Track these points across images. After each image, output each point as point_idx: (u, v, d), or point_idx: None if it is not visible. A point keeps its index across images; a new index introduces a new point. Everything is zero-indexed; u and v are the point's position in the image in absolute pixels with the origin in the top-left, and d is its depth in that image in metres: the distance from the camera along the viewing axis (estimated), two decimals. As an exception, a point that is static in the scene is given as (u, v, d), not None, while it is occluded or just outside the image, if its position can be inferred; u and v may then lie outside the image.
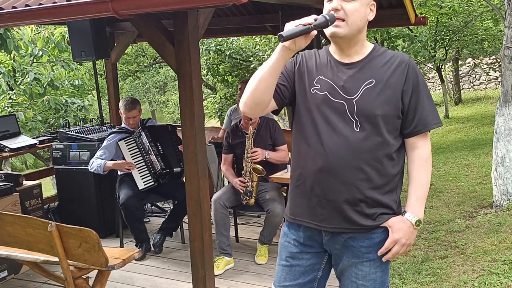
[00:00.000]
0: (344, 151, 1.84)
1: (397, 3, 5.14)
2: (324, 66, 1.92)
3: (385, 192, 1.90)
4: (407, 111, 1.87)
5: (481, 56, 13.94)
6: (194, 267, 3.40)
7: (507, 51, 5.05)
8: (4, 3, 3.19)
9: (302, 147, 1.93)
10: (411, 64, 1.88)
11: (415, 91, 1.87)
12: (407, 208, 1.96)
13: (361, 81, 1.86)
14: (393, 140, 1.88)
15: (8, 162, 10.52)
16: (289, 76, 1.96)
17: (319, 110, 1.88)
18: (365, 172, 1.85)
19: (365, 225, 1.90)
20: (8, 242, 2.89)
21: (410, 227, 1.92)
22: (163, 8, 2.76)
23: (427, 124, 1.90)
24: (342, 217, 1.89)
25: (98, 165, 4.27)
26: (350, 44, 1.88)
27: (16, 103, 8.14)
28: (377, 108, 1.83)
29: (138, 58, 19.43)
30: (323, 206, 1.90)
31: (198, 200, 3.29)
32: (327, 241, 1.97)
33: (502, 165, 5.00)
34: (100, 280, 2.83)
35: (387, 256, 1.93)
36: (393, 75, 1.86)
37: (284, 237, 2.06)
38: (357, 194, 1.86)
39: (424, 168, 1.93)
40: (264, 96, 1.86)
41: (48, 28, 8.01)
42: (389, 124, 1.85)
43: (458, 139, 10.63)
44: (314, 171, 1.88)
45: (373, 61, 1.89)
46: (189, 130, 3.22)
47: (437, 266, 3.93)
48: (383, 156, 1.86)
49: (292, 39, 1.72)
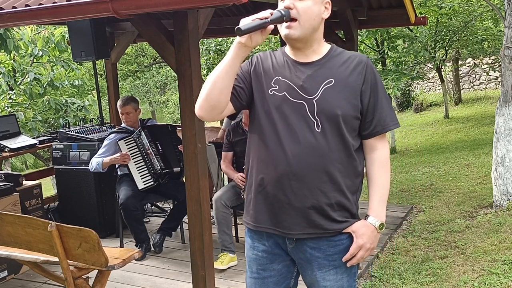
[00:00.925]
0: (307, 154, 1.79)
1: (397, 3, 5.14)
2: (281, 66, 1.87)
3: (349, 194, 1.86)
4: (366, 112, 1.85)
5: (481, 56, 13.94)
6: (194, 267, 3.40)
7: (507, 51, 5.05)
8: (4, 3, 3.19)
9: (262, 151, 1.86)
10: (369, 64, 1.86)
11: (374, 92, 1.84)
12: (370, 212, 1.90)
13: (320, 81, 1.81)
14: (353, 141, 1.85)
15: (8, 162, 10.52)
16: (246, 77, 1.89)
17: (279, 111, 1.82)
18: (329, 174, 1.81)
19: (330, 229, 1.85)
20: (8, 242, 2.89)
21: (374, 231, 1.88)
22: (163, 8, 2.76)
23: (386, 125, 1.87)
24: (307, 222, 1.83)
25: (97, 163, 4.30)
26: (307, 44, 1.84)
27: (16, 103, 8.14)
28: (337, 108, 1.79)
29: (138, 58, 19.45)
30: (287, 212, 1.84)
31: (198, 200, 3.29)
32: (292, 249, 1.91)
33: (502, 165, 5.00)
34: (100, 280, 2.83)
35: (352, 262, 1.88)
36: (352, 75, 1.82)
37: (251, 250, 1.99)
38: (322, 197, 1.81)
39: (384, 170, 1.90)
40: (220, 98, 1.78)
41: (48, 28, 8.01)
42: (348, 124, 1.82)
43: (458, 139, 10.63)
44: (276, 176, 1.82)
45: (331, 60, 1.85)
46: (189, 130, 3.22)
47: (437, 266, 3.93)
48: (345, 157, 1.83)
49: (248, 35, 1.69)
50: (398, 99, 16.00)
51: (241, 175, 4.03)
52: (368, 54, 10.67)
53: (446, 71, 15.20)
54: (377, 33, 9.84)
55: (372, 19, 5.37)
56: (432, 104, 16.08)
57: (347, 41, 5.18)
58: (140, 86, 22.77)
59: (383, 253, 4.33)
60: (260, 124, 1.86)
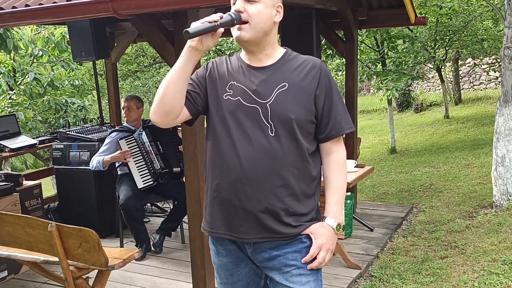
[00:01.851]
0: (260, 158, 1.78)
1: (397, 3, 5.14)
2: (236, 71, 1.87)
3: (304, 198, 1.85)
4: (321, 116, 1.85)
5: (481, 56, 13.94)
6: (194, 267, 3.40)
7: (507, 51, 5.05)
8: (4, 3, 3.19)
9: (216, 156, 1.85)
10: (323, 68, 1.85)
11: (328, 96, 1.84)
12: (326, 214, 1.91)
13: (273, 85, 1.81)
14: (308, 145, 1.84)
15: (8, 162, 10.51)
16: (201, 82, 1.89)
17: (233, 116, 1.81)
18: (282, 178, 1.80)
19: (285, 233, 1.83)
20: (8, 242, 2.89)
21: (331, 232, 1.87)
22: (163, 8, 2.76)
23: (341, 128, 1.87)
24: (261, 227, 1.82)
25: (97, 162, 4.31)
26: (259, 47, 1.83)
27: (16, 103, 8.13)
28: (291, 112, 1.79)
29: (138, 58, 19.43)
30: (241, 217, 1.83)
31: (198, 200, 3.29)
32: (251, 253, 1.90)
33: (502, 165, 5.00)
34: (100, 280, 2.83)
35: (313, 264, 1.85)
36: (306, 79, 1.82)
37: (216, 257, 1.98)
38: (276, 202, 1.80)
39: (340, 173, 1.91)
40: (174, 102, 1.77)
41: (48, 28, 8.01)
42: (303, 128, 1.81)
43: (458, 139, 10.63)
44: (231, 181, 1.81)
45: (285, 65, 1.85)
46: (189, 130, 3.22)
47: (437, 266, 3.93)
48: (299, 161, 1.82)
49: (198, 37, 1.69)
50: (398, 99, 16.00)
51: None
52: (368, 54, 10.66)
53: (446, 71, 15.20)
54: (377, 33, 9.83)
55: (372, 19, 5.36)
56: (432, 104, 16.07)
57: (347, 41, 5.18)
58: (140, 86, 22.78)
59: (383, 253, 4.33)
60: (215, 129, 1.86)
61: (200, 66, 2.15)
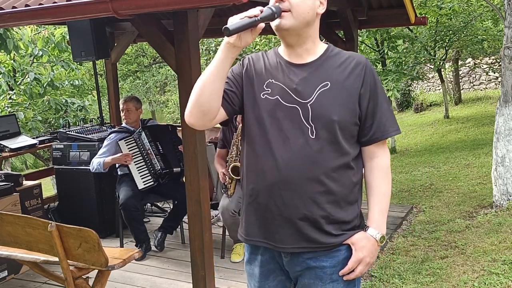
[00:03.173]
0: (299, 161, 1.67)
1: (397, 3, 5.14)
2: (274, 68, 1.74)
3: (346, 205, 1.73)
4: (365, 117, 1.72)
5: (481, 56, 13.94)
6: (194, 267, 3.40)
7: (507, 51, 5.05)
8: (4, 3, 3.19)
9: (252, 159, 1.74)
10: (368, 66, 1.73)
11: (373, 96, 1.72)
12: (370, 223, 1.77)
13: (315, 84, 1.69)
14: (350, 148, 1.72)
15: (8, 162, 10.51)
16: (237, 80, 1.76)
17: (271, 116, 1.70)
18: (323, 184, 1.68)
19: (326, 243, 1.72)
20: (8, 242, 2.89)
21: (374, 244, 1.75)
22: (163, 8, 2.76)
23: (386, 131, 1.75)
24: (300, 235, 1.71)
25: (98, 164, 4.30)
26: (300, 40, 1.71)
27: (16, 103, 8.14)
28: (333, 113, 1.66)
29: (138, 58, 19.45)
30: (278, 224, 1.72)
31: (198, 200, 3.29)
32: (287, 263, 1.79)
33: (502, 165, 5.00)
34: (100, 280, 2.83)
35: (350, 276, 1.74)
36: (349, 77, 1.70)
37: (248, 265, 1.88)
38: (316, 209, 1.69)
39: (385, 179, 1.78)
40: (211, 103, 1.66)
41: (48, 28, 8.01)
42: (346, 130, 1.69)
43: (458, 139, 10.63)
44: (267, 185, 1.70)
45: (327, 62, 1.72)
46: (189, 130, 3.22)
47: (437, 266, 3.93)
48: (341, 166, 1.70)
49: (237, 34, 1.58)
50: (398, 99, 16.00)
51: (223, 172, 4.05)
52: (368, 54, 10.67)
53: (446, 71, 15.20)
54: (377, 33, 9.83)
55: (372, 19, 5.36)
56: (432, 104, 16.08)
57: (347, 41, 5.18)
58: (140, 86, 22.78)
59: (383, 253, 4.33)
60: (250, 130, 1.75)
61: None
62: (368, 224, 1.78)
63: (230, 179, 3.99)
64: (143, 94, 23.59)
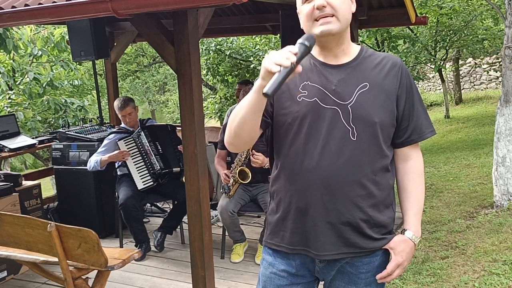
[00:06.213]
0: (341, 164, 1.63)
1: (398, 2, 5.14)
2: (309, 70, 1.69)
3: (384, 209, 1.72)
4: (401, 118, 1.71)
5: (481, 55, 13.94)
6: (194, 267, 3.39)
7: (507, 50, 5.04)
8: (4, 3, 3.18)
9: (289, 163, 1.69)
10: (403, 67, 1.72)
11: (409, 97, 1.71)
12: (407, 226, 1.75)
13: (354, 85, 1.66)
14: (388, 150, 1.70)
15: (7, 162, 10.51)
16: None
17: (309, 119, 1.65)
18: (365, 187, 1.65)
19: (367, 248, 1.70)
20: (8, 243, 2.88)
21: (412, 248, 1.73)
22: (163, 8, 2.75)
23: (422, 133, 1.74)
24: (341, 240, 1.68)
25: (95, 162, 4.28)
26: (339, 41, 1.68)
27: (15, 103, 8.13)
28: (374, 115, 1.64)
29: (138, 58, 19.46)
30: (320, 230, 1.67)
31: (198, 200, 3.28)
32: (321, 269, 1.76)
33: (502, 165, 4.99)
34: (100, 281, 2.82)
35: (386, 279, 1.73)
36: (387, 78, 1.68)
37: (270, 268, 1.79)
38: (358, 212, 1.65)
39: (420, 182, 1.77)
40: (252, 134, 1.64)
41: (47, 28, 8.00)
42: (385, 132, 1.67)
43: (458, 139, 10.62)
44: (306, 190, 1.66)
45: (364, 62, 1.70)
46: (189, 130, 3.21)
47: (437, 266, 3.92)
48: (381, 168, 1.68)
49: None
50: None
51: (226, 174, 4.04)
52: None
53: (447, 70, 15.21)
54: (378, 33, 9.83)
55: (373, 18, 5.36)
56: (433, 104, 16.08)
57: (348, 41, 5.17)
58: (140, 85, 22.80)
59: (383, 253, 4.32)
60: (287, 133, 1.69)
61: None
62: (405, 227, 1.76)
63: (234, 182, 3.99)
64: (143, 94, 23.60)
